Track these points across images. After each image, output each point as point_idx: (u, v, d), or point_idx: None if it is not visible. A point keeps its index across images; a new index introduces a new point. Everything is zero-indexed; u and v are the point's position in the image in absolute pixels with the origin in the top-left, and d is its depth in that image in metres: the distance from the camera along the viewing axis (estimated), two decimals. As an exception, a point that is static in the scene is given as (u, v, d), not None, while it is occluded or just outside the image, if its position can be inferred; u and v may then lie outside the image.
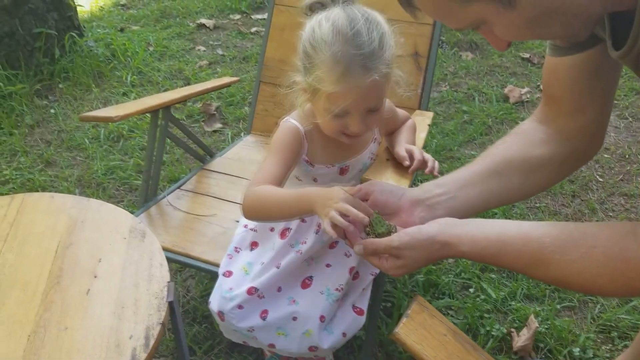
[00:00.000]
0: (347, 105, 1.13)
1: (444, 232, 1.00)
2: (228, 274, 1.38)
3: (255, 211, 1.23)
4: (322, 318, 1.30)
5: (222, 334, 1.41)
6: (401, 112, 1.47)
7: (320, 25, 1.11)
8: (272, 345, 1.34)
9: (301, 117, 1.29)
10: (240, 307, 1.31)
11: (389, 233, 1.07)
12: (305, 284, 1.35)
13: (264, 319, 1.30)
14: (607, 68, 1.02)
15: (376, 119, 1.22)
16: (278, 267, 1.32)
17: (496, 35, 0.89)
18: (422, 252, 1.01)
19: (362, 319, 1.36)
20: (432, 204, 1.12)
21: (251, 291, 1.31)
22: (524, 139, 1.18)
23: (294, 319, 1.31)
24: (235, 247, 1.44)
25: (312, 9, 1.17)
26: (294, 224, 1.36)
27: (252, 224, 1.44)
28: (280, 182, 1.25)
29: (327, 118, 1.18)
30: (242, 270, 1.37)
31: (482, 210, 1.18)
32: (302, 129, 1.28)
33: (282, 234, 1.37)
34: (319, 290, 1.33)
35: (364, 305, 1.38)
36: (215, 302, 1.35)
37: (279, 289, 1.34)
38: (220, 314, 1.32)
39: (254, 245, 1.42)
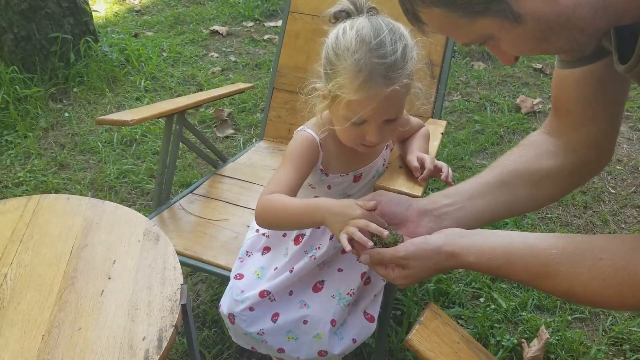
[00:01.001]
0: (366, 114, 1.13)
1: (451, 243, 1.00)
2: (239, 276, 1.39)
3: (267, 220, 1.23)
4: (333, 322, 1.30)
5: (231, 338, 1.41)
6: (415, 120, 1.48)
7: (345, 33, 1.12)
8: (281, 350, 1.34)
9: (317, 125, 1.29)
10: (251, 309, 1.31)
11: (395, 243, 1.07)
12: (316, 288, 1.35)
13: (274, 322, 1.31)
14: (615, 80, 1.02)
15: (393, 130, 1.22)
16: (291, 272, 1.33)
17: (503, 50, 0.89)
18: (428, 262, 1.01)
19: (373, 326, 1.36)
20: (440, 214, 1.12)
21: (263, 294, 1.31)
22: (532, 151, 1.18)
23: (305, 322, 1.31)
24: (247, 251, 1.45)
25: (336, 17, 1.17)
26: (307, 230, 1.36)
27: (263, 229, 1.45)
28: (293, 190, 1.24)
29: (345, 126, 1.18)
30: (254, 274, 1.37)
31: (491, 221, 1.18)
32: (318, 138, 1.27)
33: (296, 240, 1.37)
34: (330, 294, 1.33)
35: (375, 312, 1.38)
36: (225, 305, 1.35)
37: (291, 293, 1.34)
38: (231, 316, 1.33)
39: (266, 250, 1.43)
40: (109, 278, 1.18)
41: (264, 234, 1.45)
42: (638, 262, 0.85)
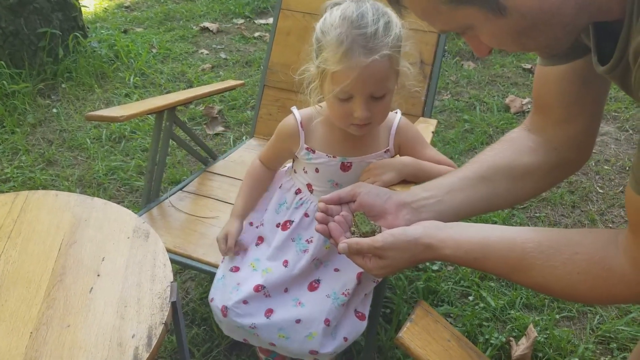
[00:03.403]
0: (350, 87, 1.17)
1: (428, 235, 1.00)
2: (235, 269, 1.39)
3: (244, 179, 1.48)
4: (327, 322, 1.30)
5: (221, 336, 1.41)
6: (438, 155, 1.43)
7: (332, 13, 1.19)
8: (272, 344, 1.34)
9: (308, 110, 1.37)
10: (245, 302, 1.31)
11: (373, 233, 1.08)
12: (312, 287, 1.35)
13: (268, 317, 1.30)
14: (596, 78, 1.01)
15: (381, 108, 1.25)
16: (285, 266, 1.34)
17: (479, 41, 0.89)
18: (405, 253, 1.01)
19: (364, 324, 1.36)
20: (418, 207, 1.12)
21: (258, 288, 1.31)
22: (512, 147, 1.18)
23: (298, 322, 1.31)
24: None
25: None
26: (296, 217, 1.38)
27: (257, 221, 1.46)
28: (271, 161, 1.48)
29: (333, 103, 1.23)
30: (249, 267, 1.38)
31: (470, 215, 1.18)
32: (299, 117, 1.37)
33: (284, 226, 1.39)
34: (325, 293, 1.33)
35: (366, 310, 1.38)
36: (218, 298, 1.35)
37: (286, 290, 1.34)
38: (224, 308, 1.32)
39: (259, 240, 1.44)
40: (98, 275, 1.17)
41: (257, 227, 1.46)
42: (613, 257, 0.86)
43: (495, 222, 2.28)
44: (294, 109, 1.39)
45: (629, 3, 0.77)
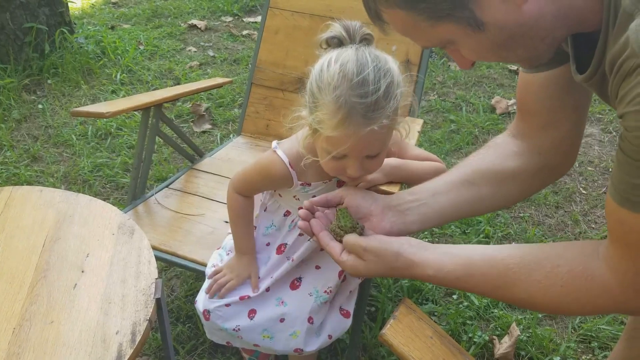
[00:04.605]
0: (345, 151, 1.10)
1: (412, 253, 1.00)
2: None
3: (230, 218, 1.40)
4: (310, 320, 1.31)
5: (206, 334, 1.41)
6: (424, 152, 1.43)
7: (329, 65, 1.08)
8: (256, 345, 1.34)
9: (292, 145, 1.28)
10: (227, 305, 1.31)
11: (353, 228, 1.08)
12: (294, 285, 1.36)
13: (251, 319, 1.31)
14: (578, 84, 1.04)
15: (376, 164, 1.20)
16: (272, 278, 1.35)
17: (462, 55, 0.90)
18: (384, 262, 1.01)
19: (349, 322, 1.37)
20: (404, 209, 1.13)
21: (244, 298, 1.32)
22: (497, 151, 1.19)
23: (282, 320, 1.31)
24: (228, 252, 1.45)
25: (328, 44, 1.13)
26: (290, 239, 1.36)
27: None
28: (251, 193, 1.38)
29: (327, 160, 1.16)
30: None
31: (455, 217, 1.19)
32: (287, 159, 1.26)
33: (278, 250, 1.37)
34: (307, 291, 1.34)
35: (351, 307, 1.39)
36: (200, 301, 1.35)
37: (268, 289, 1.34)
38: (206, 312, 1.32)
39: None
40: (82, 271, 1.17)
41: None
42: (595, 268, 0.86)
43: (480, 222, 2.30)
44: (277, 150, 1.28)
45: (605, 15, 0.79)
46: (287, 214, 1.37)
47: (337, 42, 1.12)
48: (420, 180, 1.24)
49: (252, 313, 1.31)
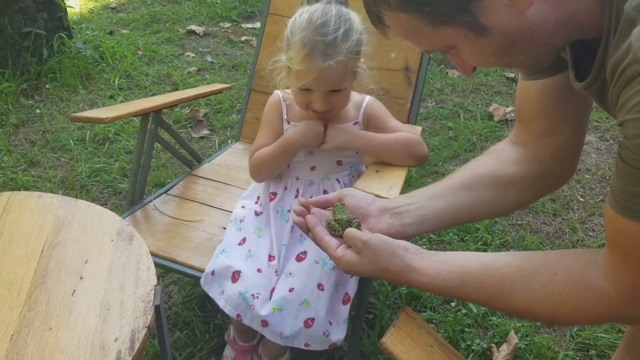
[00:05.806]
0: (309, 84, 1.35)
1: (409, 257, 1.00)
2: (243, 241, 1.49)
3: (259, 172, 1.54)
4: (319, 286, 1.34)
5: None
6: (402, 126, 1.56)
7: (301, 15, 1.35)
8: (265, 323, 1.34)
9: (287, 95, 1.54)
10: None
11: (349, 222, 1.10)
12: (300, 258, 1.41)
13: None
14: (577, 92, 1.04)
15: (339, 100, 1.42)
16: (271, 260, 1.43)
17: (463, 60, 0.90)
18: (379, 262, 1.01)
19: (347, 307, 1.40)
20: (401, 212, 1.13)
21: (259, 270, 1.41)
22: (496, 157, 1.20)
23: (291, 290, 1.35)
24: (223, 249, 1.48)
25: (309, 2, 1.38)
26: (279, 189, 1.52)
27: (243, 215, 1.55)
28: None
29: (296, 93, 1.41)
30: (254, 234, 1.49)
31: (453, 222, 1.19)
32: (281, 94, 1.54)
33: (270, 198, 1.53)
34: (313, 260, 1.38)
35: (352, 290, 1.42)
36: (208, 269, 1.44)
37: (277, 272, 1.40)
38: (213, 273, 1.41)
39: (242, 241, 1.49)
40: (81, 278, 1.16)
41: (241, 220, 1.53)
42: (593, 277, 0.86)
43: (478, 229, 2.31)
44: (275, 91, 1.57)
45: (606, 22, 0.79)
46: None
47: (314, 1, 1.36)
48: (388, 152, 1.46)
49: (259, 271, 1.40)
